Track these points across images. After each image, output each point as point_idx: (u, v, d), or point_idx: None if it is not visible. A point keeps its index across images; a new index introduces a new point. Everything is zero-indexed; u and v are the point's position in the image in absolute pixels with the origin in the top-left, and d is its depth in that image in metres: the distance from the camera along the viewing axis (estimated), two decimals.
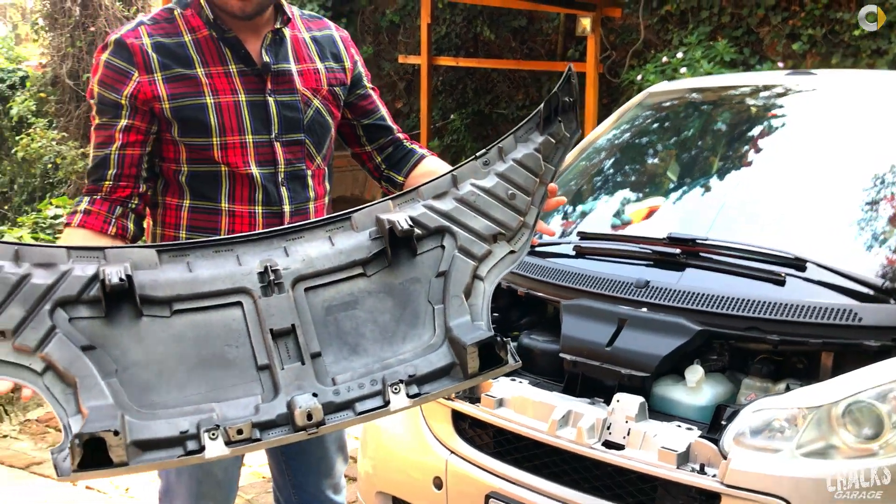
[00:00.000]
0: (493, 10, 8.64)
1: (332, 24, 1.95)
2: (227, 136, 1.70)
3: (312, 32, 1.88)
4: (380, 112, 2.00)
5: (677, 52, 7.05)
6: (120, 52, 1.67)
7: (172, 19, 1.72)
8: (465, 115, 9.15)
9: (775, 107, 2.77)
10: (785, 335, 1.94)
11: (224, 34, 1.71)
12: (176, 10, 1.74)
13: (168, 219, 1.78)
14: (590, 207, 2.76)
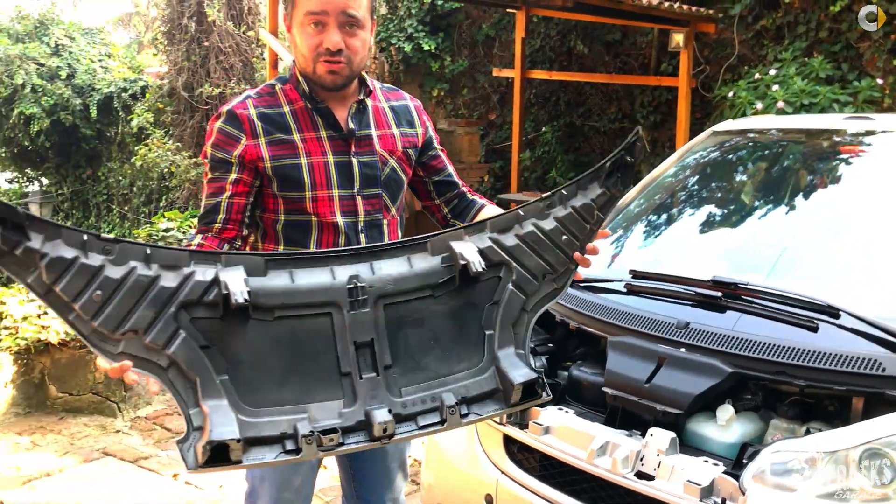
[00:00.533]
0: (587, 24, 8.73)
1: (407, 95, 2.21)
2: (317, 190, 1.98)
3: (391, 102, 2.14)
4: (447, 170, 2.26)
5: (770, 69, 7.00)
6: (231, 121, 1.97)
7: (274, 93, 2.01)
8: (557, 128, 9.28)
9: (829, 153, 2.84)
10: (811, 381, 2.06)
11: (317, 105, 1.99)
12: (277, 85, 2.04)
13: None
14: (644, 244, 2.90)
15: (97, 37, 13.86)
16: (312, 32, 1.89)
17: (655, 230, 2.97)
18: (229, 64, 10.02)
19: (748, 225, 2.80)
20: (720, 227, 2.84)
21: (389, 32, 9.72)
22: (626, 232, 2.98)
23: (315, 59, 1.91)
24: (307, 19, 1.89)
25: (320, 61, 1.91)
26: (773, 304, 2.27)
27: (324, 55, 1.90)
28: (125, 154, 12.41)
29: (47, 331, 4.20)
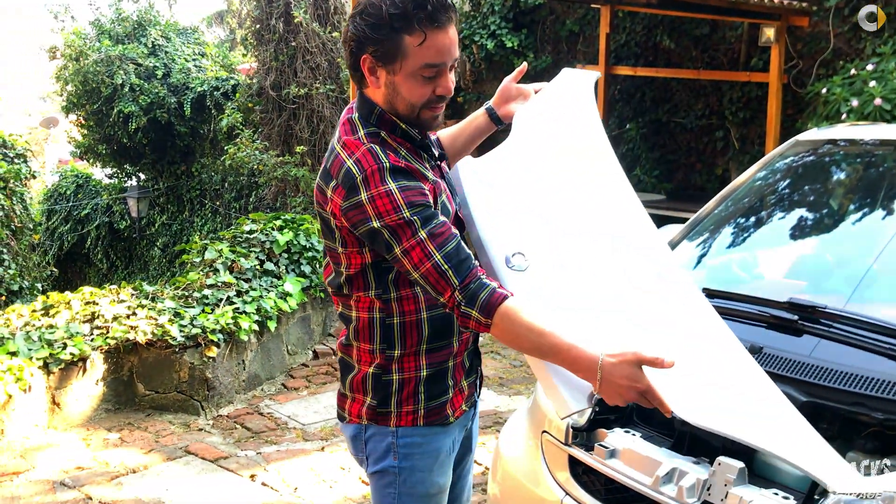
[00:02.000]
0: (673, 18, 8.52)
1: None
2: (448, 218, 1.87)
3: None
4: None
5: (868, 63, 6.69)
6: (398, 173, 1.77)
7: (385, 142, 1.83)
8: (642, 125, 9.09)
9: None
10: (890, 413, 1.97)
11: (422, 140, 1.91)
12: (380, 133, 1.83)
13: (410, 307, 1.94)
14: (720, 261, 2.82)
15: (191, 36, 14.33)
16: (424, 83, 1.78)
17: (732, 246, 2.88)
18: (315, 64, 10.20)
19: (830, 242, 2.69)
20: (800, 243, 2.73)
21: (472, 30, 9.70)
22: (702, 246, 2.90)
23: (424, 106, 1.82)
24: (424, 71, 1.76)
25: (427, 108, 1.83)
26: (854, 330, 2.17)
27: (434, 102, 1.83)
28: (217, 151, 12.81)
29: (136, 331, 4.38)
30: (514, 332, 1.73)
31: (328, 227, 1.88)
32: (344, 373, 2.03)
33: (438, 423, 1.98)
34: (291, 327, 5.25)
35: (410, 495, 1.99)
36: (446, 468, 2.03)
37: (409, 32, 1.73)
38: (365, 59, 1.79)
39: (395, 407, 1.94)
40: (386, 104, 1.83)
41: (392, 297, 1.89)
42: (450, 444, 2.02)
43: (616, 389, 1.67)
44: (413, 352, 1.92)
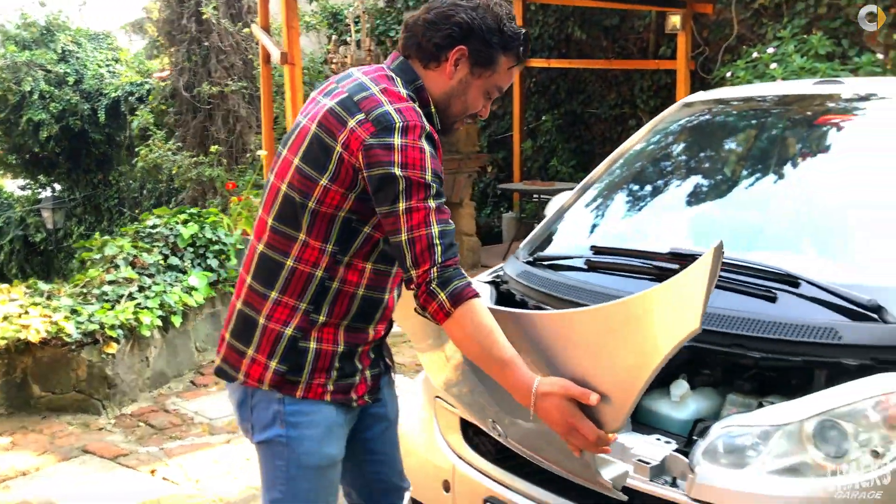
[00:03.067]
0: (584, 9, 8.63)
1: None
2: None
3: None
4: None
5: (769, 47, 6.86)
6: (433, 144, 1.76)
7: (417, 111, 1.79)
8: (557, 116, 9.18)
9: (796, 120, 2.73)
10: (767, 352, 1.97)
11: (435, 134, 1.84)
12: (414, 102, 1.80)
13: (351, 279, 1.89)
14: (609, 220, 2.81)
15: (104, 42, 13.94)
16: (485, 98, 1.90)
17: (621, 205, 2.88)
18: (230, 63, 10.01)
19: (713, 196, 2.70)
20: (685, 199, 2.74)
21: (388, 25, 9.66)
22: (592, 207, 2.90)
23: (468, 115, 1.92)
24: (493, 90, 1.89)
25: (465, 119, 1.93)
26: (732, 275, 2.17)
27: (471, 118, 1.94)
28: (134, 157, 12.47)
29: (28, 330, 4.18)
30: (470, 331, 1.68)
31: (323, 154, 1.76)
32: (245, 327, 1.88)
33: (343, 402, 1.89)
34: (200, 323, 5.09)
35: (300, 466, 1.87)
36: (337, 439, 1.92)
37: (507, 55, 1.85)
38: (460, 49, 1.81)
39: (308, 377, 1.83)
40: (441, 94, 1.86)
41: (343, 261, 1.82)
42: (342, 418, 1.92)
43: (550, 417, 1.64)
44: (335, 324, 1.85)
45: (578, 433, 1.62)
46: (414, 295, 1.73)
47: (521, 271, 2.64)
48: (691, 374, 2.15)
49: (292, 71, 5.34)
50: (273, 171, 1.89)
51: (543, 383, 1.64)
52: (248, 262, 1.92)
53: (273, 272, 1.84)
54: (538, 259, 2.69)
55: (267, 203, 1.88)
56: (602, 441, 1.62)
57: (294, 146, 1.83)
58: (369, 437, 2.10)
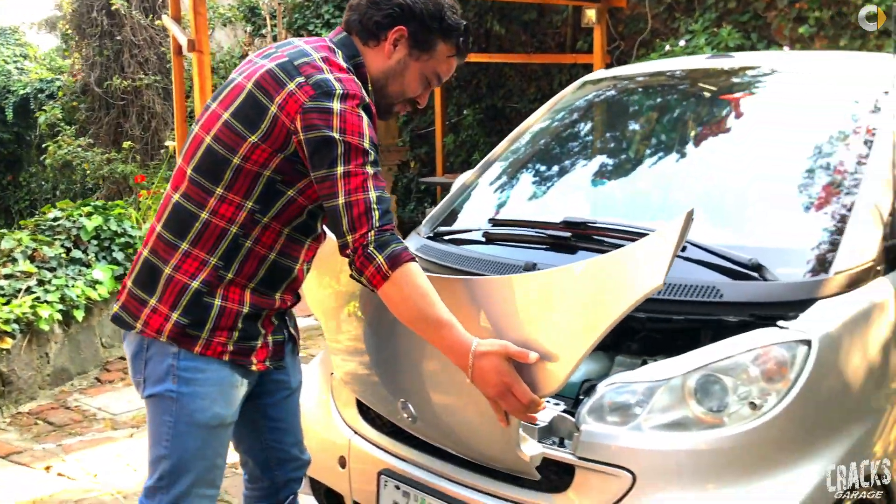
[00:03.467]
0: (503, 4, 8.66)
1: None
2: None
3: None
4: None
5: (681, 40, 7.01)
6: (370, 115, 1.78)
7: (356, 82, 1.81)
8: (478, 111, 9.20)
9: (687, 93, 2.78)
10: (651, 312, 1.98)
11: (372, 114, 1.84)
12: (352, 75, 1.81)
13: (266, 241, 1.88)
14: (506, 195, 2.81)
15: (11, 38, 13.45)
16: (423, 84, 1.94)
17: (520, 180, 2.88)
18: (144, 58, 9.76)
19: (607, 169, 2.72)
20: (581, 172, 2.76)
21: (306, 19, 9.54)
22: (493, 183, 2.89)
23: (403, 99, 1.95)
24: (431, 76, 1.94)
25: (403, 104, 1.96)
26: (620, 241, 2.19)
27: (409, 103, 1.97)
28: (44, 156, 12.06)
29: None
30: (407, 293, 1.67)
31: (255, 112, 1.75)
32: (150, 276, 1.84)
33: (241, 364, 1.87)
34: (105, 318, 4.92)
35: (188, 423, 1.84)
36: (231, 400, 1.89)
37: (447, 42, 1.91)
38: (400, 30, 1.86)
39: (209, 333, 1.81)
40: (379, 73, 1.90)
41: (261, 221, 1.81)
42: (237, 380, 1.89)
43: (486, 378, 1.64)
44: (242, 284, 1.84)
45: (512, 396, 1.64)
46: (350, 260, 1.71)
47: (420, 245, 2.62)
48: None
49: (200, 59, 5.21)
50: (198, 123, 1.87)
51: (482, 343, 1.64)
52: (161, 210, 1.89)
53: (186, 223, 1.82)
54: (438, 234, 2.67)
55: (188, 153, 1.85)
56: (534, 405, 1.65)
57: (225, 101, 1.81)
58: (269, 402, 2.08)
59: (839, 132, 2.36)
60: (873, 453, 1.94)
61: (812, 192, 2.24)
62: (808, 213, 2.19)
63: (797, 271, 1.98)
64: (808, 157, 2.31)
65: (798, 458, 1.80)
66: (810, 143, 2.34)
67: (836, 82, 2.61)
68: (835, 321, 1.87)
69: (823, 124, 2.40)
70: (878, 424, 1.97)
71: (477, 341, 1.65)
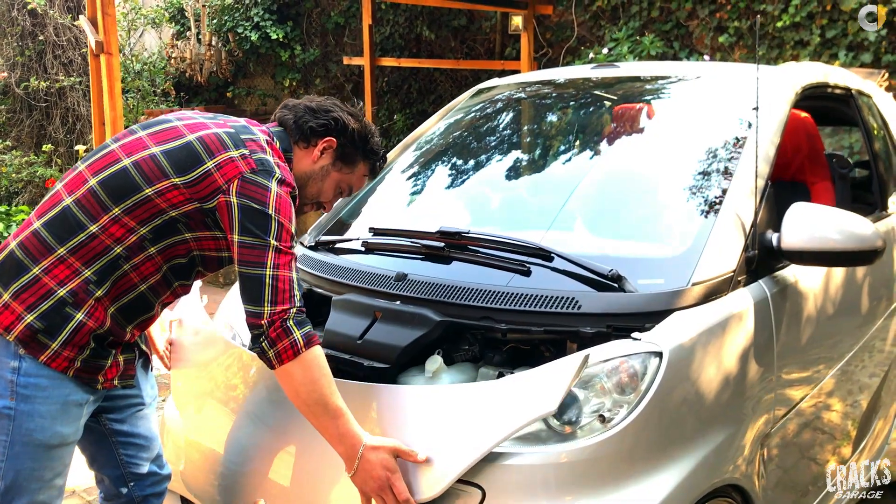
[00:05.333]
0: (433, 10, 8.67)
1: None
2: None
3: None
4: None
5: (604, 48, 7.08)
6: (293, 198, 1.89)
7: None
8: (409, 116, 9.19)
9: (572, 103, 2.79)
10: (512, 324, 1.97)
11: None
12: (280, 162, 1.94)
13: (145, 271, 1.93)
14: (389, 204, 2.79)
15: None
16: (336, 193, 2.13)
17: (404, 188, 2.86)
18: (67, 59, 9.52)
19: (488, 178, 2.72)
20: (461, 181, 2.75)
21: (235, 21, 9.42)
22: (378, 192, 2.86)
23: (314, 200, 2.10)
24: (344, 187, 2.14)
25: (311, 204, 2.11)
26: (492, 252, 2.18)
27: (316, 205, 2.12)
28: None
29: None
30: (315, 376, 1.74)
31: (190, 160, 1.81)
32: (14, 270, 1.78)
33: (86, 381, 1.83)
34: None
35: (25, 443, 1.77)
36: (73, 418, 1.84)
37: (366, 162, 2.15)
38: (330, 141, 2.04)
39: (60, 346, 1.77)
40: (302, 173, 2.03)
41: (147, 250, 1.84)
42: (82, 398, 1.84)
43: (370, 471, 1.70)
44: (106, 305, 1.83)
45: (391, 493, 1.69)
46: (260, 332, 1.73)
47: (300, 255, 2.58)
48: (449, 350, 2.13)
49: (109, 61, 5.09)
50: (119, 142, 1.87)
51: (374, 438, 1.73)
52: (45, 208, 1.85)
53: (71, 230, 1.79)
54: (319, 243, 2.63)
55: (98, 164, 1.84)
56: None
57: (159, 137, 1.86)
58: (120, 418, 2.06)
59: (708, 144, 2.38)
60: (732, 460, 1.95)
61: (678, 202, 2.25)
62: (672, 223, 2.20)
63: (656, 282, 1.98)
64: (677, 168, 2.34)
65: (650, 469, 1.80)
66: (680, 154, 2.37)
67: (712, 94, 2.65)
68: (688, 332, 1.87)
69: (694, 135, 2.43)
70: (737, 433, 1.99)
71: (368, 435, 1.74)
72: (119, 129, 5.26)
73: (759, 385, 2.05)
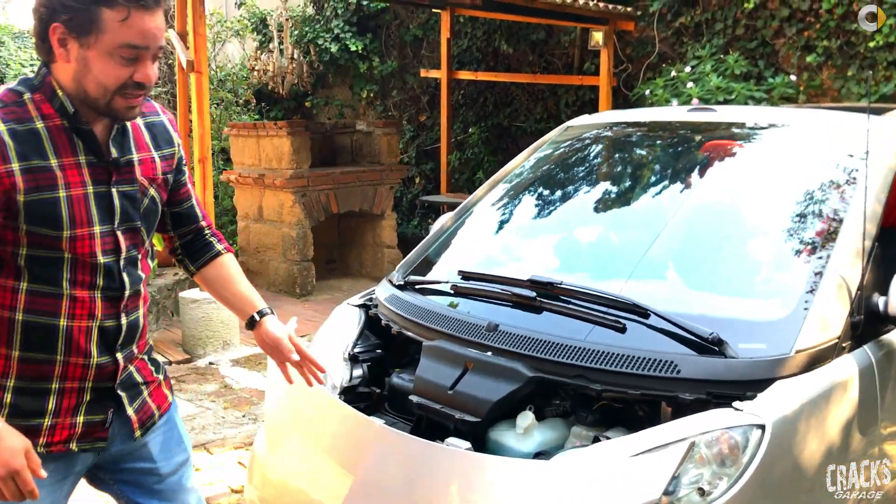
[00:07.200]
0: (512, 23, 8.65)
1: (159, 107, 1.92)
2: (76, 228, 1.68)
3: (146, 118, 1.85)
4: (191, 201, 2.01)
5: (687, 66, 6.96)
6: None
7: (23, 103, 1.65)
8: (484, 129, 9.18)
9: (669, 148, 2.74)
10: (607, 384, 1.95)
11: (79, 125, 1.67)
12: (25, 93, 1.66)
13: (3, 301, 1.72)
14: (479, 244, 2.78)
15: (29, 40, 13.55)
16: (121, 64, 1.61)
17: (494, 229, 2.85)
18: None
19: (586, 224, 2.69)
20: (553, 224, 2.73)
21: (316, 33, 9.56)
22: (469, 231, 2.86)
23: (117, 91, 1.64)
24: (123, 51, 1.61)
25: (122, 94, 1.64)
26: (586, 305, 2.16)
27: (130, 88, 1.64)
28: None
29: None
30: None
31: None
32: None
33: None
34: None
35: None
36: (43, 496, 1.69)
37: (110, 6, 1.58)
38: (55, 28, 1.60)
39: None
40: (73, 83, 1.64)
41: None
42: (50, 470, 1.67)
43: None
44: (4, 353, 1.69)
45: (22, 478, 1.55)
46: None
47: (389, 295, 2.59)
48: (540, 405, 2.12)
49: (199, 79, 5.22)
50: None
51: (4, 426, 1.56)
52: None
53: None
54: (409, 283, 2.65)
55: None
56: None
57: None
58: (139, 493, 1.91)
59: (812, 197, 2.31)
60: None
61: (779, 259, 2.19)
62: (773, 282, 2.15)
63: (758, 347, 1.93)
64: (778, 221, 2.27)
65: None
66: (782, 206, 2.30)
67: (817, 143, 2.57)
68: (792, 404, 1.82)
69: (797, 187, 2.36)
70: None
71: (3, 423, 1.57)
72: (207, 145, 5.39)
73: (862, 456, 1.98)
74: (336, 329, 2.60)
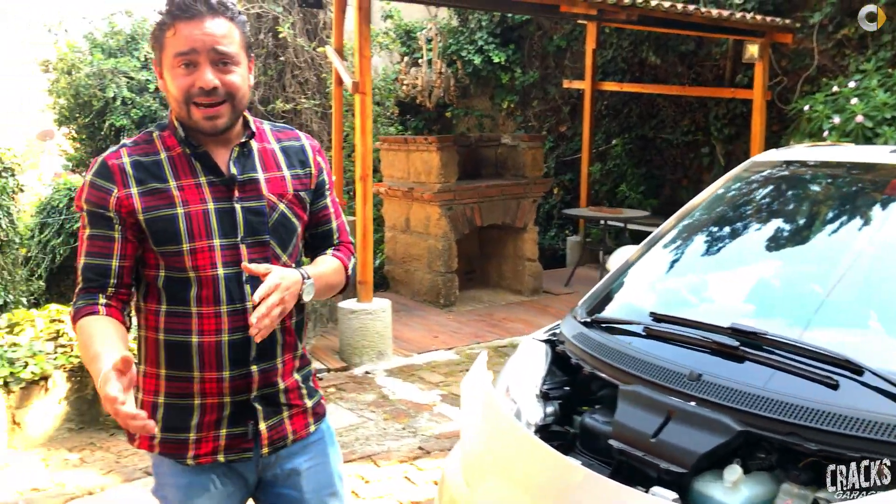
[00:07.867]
0: (659, 35, 8.52)
1: (302, 135, 2.08)
2: (195, 241, 1.84)
3: (282, 143, 2.01)
4: (328, 224, 2.12)
5: (850, 81, 6.66)
6: (102, 172, 1.84)
7: (151, 140, 1.90)
8: (628, 141, 9.07)
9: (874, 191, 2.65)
10: (824, 444, 1.91)
11: (195, 150, 1.87)
12: (155, 132, 1.93)
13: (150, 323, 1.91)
14: (671, 283, 2.77)
15: None
16: (183, 73, 1.79)
17: (685, 267, 2.83)
18: (304, 78, 10.20)
19: (781, 267, 2.64)
20: (754, 267, 2.68)
21: (459, 45, 9.71)
22: (656, 267, 2.86)
23: (187, 101, 1.80)
24: (176, 61, 1.79)
25: (193, 104, 1.81)
26: (793, 358, 2.12)
27: (197, 96, 1.80)
28: None
29: None
30: (78, 341, 1.80)
31: None
32: None
33: (174, 458, 1.88)
34: None
35: None
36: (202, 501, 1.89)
37: (166, 28, 1.81)
38: (155, 63, 1.91)
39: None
40: (173, 107, 1.88)
41: (141, 306, 1.93)
42: (206, 483, 1.89)
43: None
44: (153, 372, 1.89)
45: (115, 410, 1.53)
46: None
47: (576, 332, 2.62)
48: (746, 457, 2.10)
49: (363, 100, 5.41)
50: None
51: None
52: None
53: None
54: (595, 320, 2.67)
55: None
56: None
57: None
58: None
59: None
60: None
61: None
62: None
63: None
64: None
65: None
66: None
67: None
68: None
69: None
70: None
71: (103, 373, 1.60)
72: (369, 164, 5.58)
73: None
74: (526, 364, 2.65)
